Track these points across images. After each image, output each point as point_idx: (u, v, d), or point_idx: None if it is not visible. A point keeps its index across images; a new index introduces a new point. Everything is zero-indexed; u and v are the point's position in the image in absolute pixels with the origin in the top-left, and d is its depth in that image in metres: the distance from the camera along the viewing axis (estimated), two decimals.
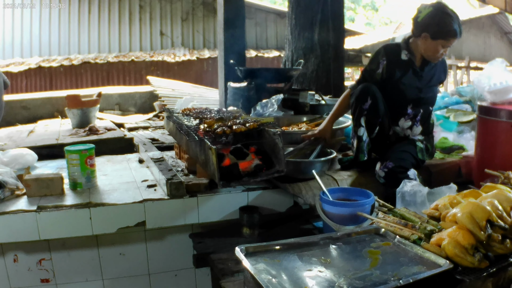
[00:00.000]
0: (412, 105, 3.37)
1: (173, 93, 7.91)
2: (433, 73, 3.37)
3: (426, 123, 3.43)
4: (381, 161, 3.23)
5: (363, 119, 3.30)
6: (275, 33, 15.80)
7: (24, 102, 7.60)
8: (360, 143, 3.33)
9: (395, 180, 3.01)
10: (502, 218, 1.98)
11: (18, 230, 2.82)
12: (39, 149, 4.30)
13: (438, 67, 3.40)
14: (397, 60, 3.33)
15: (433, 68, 3.36)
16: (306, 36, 6.46)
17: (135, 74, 13.23)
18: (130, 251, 3.21)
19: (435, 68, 3.37)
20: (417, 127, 3.41)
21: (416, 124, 3.41)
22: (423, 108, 3.40)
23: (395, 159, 3.18)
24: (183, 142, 3.47)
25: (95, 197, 3.06)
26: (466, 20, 18.94)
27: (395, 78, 3.31)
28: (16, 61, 12.94)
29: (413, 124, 3.41)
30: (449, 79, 12.55)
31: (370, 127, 3.32)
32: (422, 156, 3.39)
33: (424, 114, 3.42)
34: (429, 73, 3.35)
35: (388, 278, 1.80)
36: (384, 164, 3.18)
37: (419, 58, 3.32)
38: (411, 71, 3.31)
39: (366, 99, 3.27)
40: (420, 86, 3.34)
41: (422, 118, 3.41)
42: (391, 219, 2.36)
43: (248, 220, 3.01)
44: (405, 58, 3.32)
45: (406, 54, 3.32)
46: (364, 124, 3.30)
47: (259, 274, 1.82)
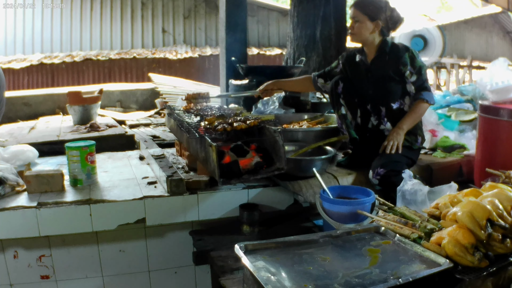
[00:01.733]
0: (370, 104, 3.48)
1: (174, 90, 7.92)
2: (382, 65, 3.35)
3: (397, 120, 3.35)
4: (372, 170, 3.21)
5: (341, 100, 3.51)
6: (277, 31, 15.78)
7: (25, 98, 7.61)
8: (345, 120, 3.50)
9: (390, 185, 3.00)
10: (503, 218, 1.97)
11: (18, 226, 2.82)
12: (40, 145, 4.31)
13: (390, 59, 3.33)
14: (351, 61, 3.57)
15: (383, 60, 3.35)
16: (308, 34, 6.45)
17: (136, 71, 13.23)
18: (130, 248, 3.21)
19: (385, 60, 3.34)
20: (386, 124, 3.43)
21: (383, 122, 3.45)
22: (384, 105, 3.42)
23: (385, 165, 3.14)
24: (184, 139, 3.47)
25: (96, 193, 3.06)
26: (468, 19, 18.98)
27: (350, 77, 3.53)
28: (18, 57, 12.96)
29: (379, 122, 3.46)
30: (451, 78, 12.51)
31: (352, 107, 3.50)
32: (412, 145, 3.38)
33: (389, 111, 3.41)
34: (379, 66, 3.37)
35: (388, 277, 1.79)
36: (375, 172, 3.16)
37: (370, 55, 3.43)
38: (364, 70, 3.46)
39: (338, 84, 3.51)
40: (371, 82, 3.42)
41: (389, 115, 3.42)
42: (391, 217, 2.35)
43: (248, 217, 3.01)
44: (358, 59, 3.51)
45: (358, 56, 3.50)
46: (344, 103, 3.50)
47: (258, 271, 1.81)
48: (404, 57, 3.29)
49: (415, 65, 3.29)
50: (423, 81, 3.32)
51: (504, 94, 3.38)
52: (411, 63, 3.29)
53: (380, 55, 3.37)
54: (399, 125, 3.28)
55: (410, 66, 3.28)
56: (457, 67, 12.62)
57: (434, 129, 4.26)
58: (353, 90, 3.50)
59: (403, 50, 3.32)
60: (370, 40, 3.37)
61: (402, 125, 3.27)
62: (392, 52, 3.35)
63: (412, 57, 3.30)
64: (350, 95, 3.49)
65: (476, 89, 5.11)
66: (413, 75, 3.29)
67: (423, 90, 3.30)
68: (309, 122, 4.13)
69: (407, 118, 3.29)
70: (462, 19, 18.84)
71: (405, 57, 3.29)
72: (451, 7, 29.06)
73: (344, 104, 3.50)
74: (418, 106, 3.29)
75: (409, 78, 3.30)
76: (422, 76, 3.31)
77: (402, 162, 3.23)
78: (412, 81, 3.30)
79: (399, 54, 3.32)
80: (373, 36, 3.35)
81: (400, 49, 3.35)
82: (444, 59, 11.93)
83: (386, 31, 3.38)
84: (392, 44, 3.39)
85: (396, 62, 3.31)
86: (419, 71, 3.30)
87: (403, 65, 3.30)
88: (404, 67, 3.30)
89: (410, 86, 3.32)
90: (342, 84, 3.49)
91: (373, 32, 3.33)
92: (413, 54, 3.31)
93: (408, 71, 3.29)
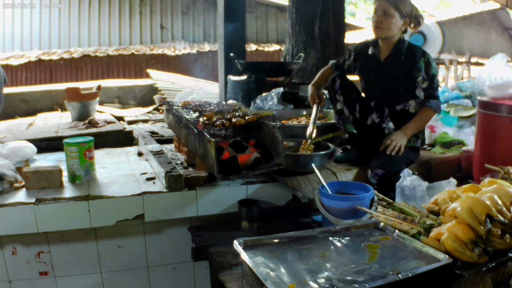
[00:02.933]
0: (374, 102, 3.47)
1: (173, 86, 7.91)
2: (395, 65, 3.31)
3: (400, 121, 3.33)
4: (371, 170, 3.20)
5: (338, 96, 3.50)
6: (275, 27, 15.75)
7: (23, 95, 7.58)
8: (341, 116, 3.53)
9: (388, 185, 3.00)
10: (502, 213, 1.97)
11: (17, 222, 2.82)
12: (38, 141, 4.29)
13: (404, 61, 3.28)
14: (364, 54, 3.52)
15: (397, 61, 3.31)
16: (307, 30, 6.43)
17: (135, 67, 13.20)
18: (129, 244, 3.21)
19: (399, 61, 3.30)
20: (389, 123, 3.42)
21: (385, 121, 3.43)
22: (388, 106, 3.40)
23: (383, 166, 3.14)
24: (182, 135, 3.46)
25: (94, 189, 3.06)
26: (467, 15, 18.97)
27: (358, 69, 3.52)
28: (16, 54, 12.91)
29: (381, 120, 3.45)
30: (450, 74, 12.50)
31: (350, 103, 3.49)
32: (413, 143, 3.37)
33: (392, 111, 3.40)
34: (392, 66, 3.33)
35: (387, 272, 1.79)
36: (374, 172, 3.16)
37: (384, 51, 3.38)
38: (375, 65, 3.41)
39: (335, 80, 3.50)
40: (380, 80, 3.39)
41: (392, 116, 3.40)
42: (390, 213, 2.35)
43: (247, 213, 3.01)
44: (370, 52, 3.46)
45: (371, 49, 3.45)
46: (341, 99, 3.49)
47: (258, 267, 1.81)
48: (419, 62, 3.24)
49: (429, 72, 3.24)
50: (434, 89, 3.26)
51: (503, 90, 3.38)
52: (425, 69, 3.23)
53: (395, 54, 3.32)
54: (404, 130, 3.24)
55: (424, 72, 3.23)
56: (455, 63, 12.60)
57: (433, 125, 4.26)
58: (351, 85, 3.50)
59: (419, 55, 3.26)
60: (393, 37, 3.30)
61: (407, 130, 3.24)
62: (408, 53, 3.29)
63: (427, 64, 3.24)
64: (347, 90, 3.48)
65: (474, 85, 5.12)
66: (425, 81, 3.24)
67: (432, 98, 3.24)
68: (307, 118, 4.12)
69: (412, 124, 3.25)
70: (460, 15, 18.82)
71: (420, 62, 3.24)
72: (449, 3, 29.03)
73: (341, 100, 3.49)
74: (425, 114, 3.26)
75: (420, 84, 3.25)
76: (434, 84, 3.25)
77: (401, 162, 3.20)
78: (423, 87, 3.25)
79: (415, 58, 3.26)
80: (399, 33, 3.31)
81: (416, 52, 3.28)
82: (443, 55, 11.91)
83: (405, 30, 3.36)
84: (409, 44, 3.34)
85: (410, 66, 3.27)
86: (432, 78, 3.24)
87: (417, 70, 3.25)
88: (417, 73, 3.24)
89: (420, 92, 3.26)
90: (339, 80, 3.48)
91: (400, 30, 3.29)
92: (429, 60, 3.26)
93: (421, 77, 3.23)
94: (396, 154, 3.18)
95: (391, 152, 3.17)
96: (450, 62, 12.62)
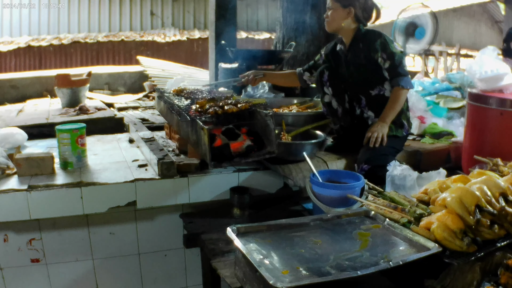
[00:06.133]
0: (351, 92, 3.52)
1: (163, 73, 7.89)
2: (356, 53, 3.39)
3: (378, 108, 3.35)
4: (358, 164, 3.24)
5: (325, 88, 3.57)
6: (266, 15, 15.70)
7: (13, 81, 7.53)
8: (330, 108, 3.59)
9: (375, 179, 2.99)
10: (491, 204, 2.00)
11: (9, 209, 2.81)
12: (29, 128, 4.26)
13: (363, 47, 3.35)
14: (333, 52, 3.62)
15: (357, 48, 3.39)
16: (298, 19, 6.42)
17: (124, 54, 13.13)
18: (120, 231, 3.21)
19: (359, 48, 3.37)
20: (368, 112, 3.46)
21: (365, 111, 3.47)
22: (363, 93, 3.44)
23: (369, 160, 3.17)
24: (174, 122, 3.46)
25: (86, 176, 3.06)
26: (457, 7, 18.98)
27: (331, 67, 3.59)
28: (5, 40, 12.77)
29: (362, 111, 3.49)
30: (439, 65, 12.55)
31: (338, 94, 3.54)
32: (398, 133, 3.39)
33: (369, 99, 3.43)
34: (354, 54, 3.41)
35: (378, 260, 1.82)
36: (360, 167, 3.19)
37: (347, 43, 3.47)
38: (343, 58, 3.51)
39: (323, 73, 3.56)
40: (350, 71, 3.47)
41: (369, 103, 3.44)
42: (380, 202, 2.38)
43: (238, 200, 3.03)
44: (338, 49, 3.56)
45: (339, 46, 3.55)
46: (331, 91, 3.54)
47: (251, 254, 1.83)
48: (375, 44, 3.29)
49: (387, 52, 3.26)
50: (397, 66, 3.26)
51: (493, 82, 3.41)
52: (382, 49, 3.27)
53: (354, 42, 3.41)
54: (382, 119, 3.27)
55: (382, 52, 3.26)
56: (445, 54, 12.66)
57: (423, 115, 4.30)
58: (339, 77, 3.54)
59: (375, 37, 3.31)
60: (345, 28, 3.39)
61: (384, 118, 3.26)
62: (365, 39, 3.35)
63: (383, 43, 3.27)
64: (336, 82, 3.54)
65: (464, 77, 5.16)
66: (386, 61, 3.26)
67: (397, 76, 3.26)
68: (298, 106, 4.15)
69: (387, 110, 3.27)
70: (451, 7, 18.83)
71: (377, 43, 3.28)
72: None
73: (329, 93, 3.55)
74: (396, 95, 3.27)
75: (382, 64, 3.28)
76: (395, 62, 3.25)
77: (387, 154, 3.24)
78: (385, 67, 3.28)
79: (371, 41, 3.32)
80: (348, 23, 3.38)
81: (372, 36, 3.34)
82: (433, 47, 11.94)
83: (362, 19, 3.40)
84: (366, 31, 3.40)
85: (368, 49, 3.33)
86: (391, 57, 3.25)
87: (374, 51, 3.30)
88: (375, 54, 3.29)
89: (385, 72, 3.30)
90: (328, 72, 3.55)
91: (345, 19, 3.36)
92: (385, 40, 3.28)
93: (380, 58, 3.27)
94: (380, 145, 3.21)
95: (374, 144, 3.19)
96: (440, 54, 12.67)
